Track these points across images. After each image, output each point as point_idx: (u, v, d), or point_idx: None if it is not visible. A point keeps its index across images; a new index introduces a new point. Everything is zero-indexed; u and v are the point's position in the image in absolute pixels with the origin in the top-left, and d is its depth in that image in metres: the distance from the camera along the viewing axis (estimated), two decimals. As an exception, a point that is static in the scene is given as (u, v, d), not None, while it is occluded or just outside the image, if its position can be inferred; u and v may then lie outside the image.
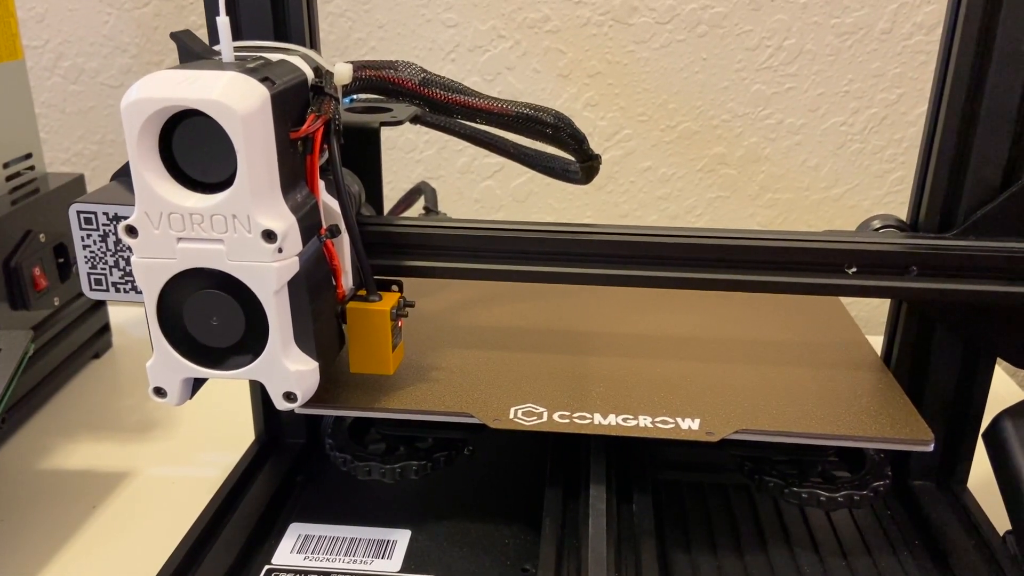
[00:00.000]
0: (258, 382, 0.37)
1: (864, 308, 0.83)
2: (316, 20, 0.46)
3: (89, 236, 0.39)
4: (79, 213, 0.39)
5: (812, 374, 0.46)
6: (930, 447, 0.40)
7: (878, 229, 0.45)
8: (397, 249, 0.43)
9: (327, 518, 0.47)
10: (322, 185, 0.38)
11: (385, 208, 0.49)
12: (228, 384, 0.39)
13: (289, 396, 0.37)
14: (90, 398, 0.65)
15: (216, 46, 0.36)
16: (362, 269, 0.40)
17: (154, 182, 0.34)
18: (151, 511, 0.52)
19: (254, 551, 0.44)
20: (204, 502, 0.46)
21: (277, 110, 0.34)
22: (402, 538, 0.45)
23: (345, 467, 0.45)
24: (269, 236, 0.34)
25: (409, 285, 0.43)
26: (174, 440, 0.60)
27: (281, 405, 0.37)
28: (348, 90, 0.40)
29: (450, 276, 0.44)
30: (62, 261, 0.61)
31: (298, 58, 0.38)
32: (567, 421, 0.41)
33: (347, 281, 0.40)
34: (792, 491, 0.42)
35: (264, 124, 0.33)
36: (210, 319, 0.36)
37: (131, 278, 0.40)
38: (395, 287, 0.42)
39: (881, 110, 0.79)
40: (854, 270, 0.42)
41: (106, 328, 0.71)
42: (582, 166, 0.44)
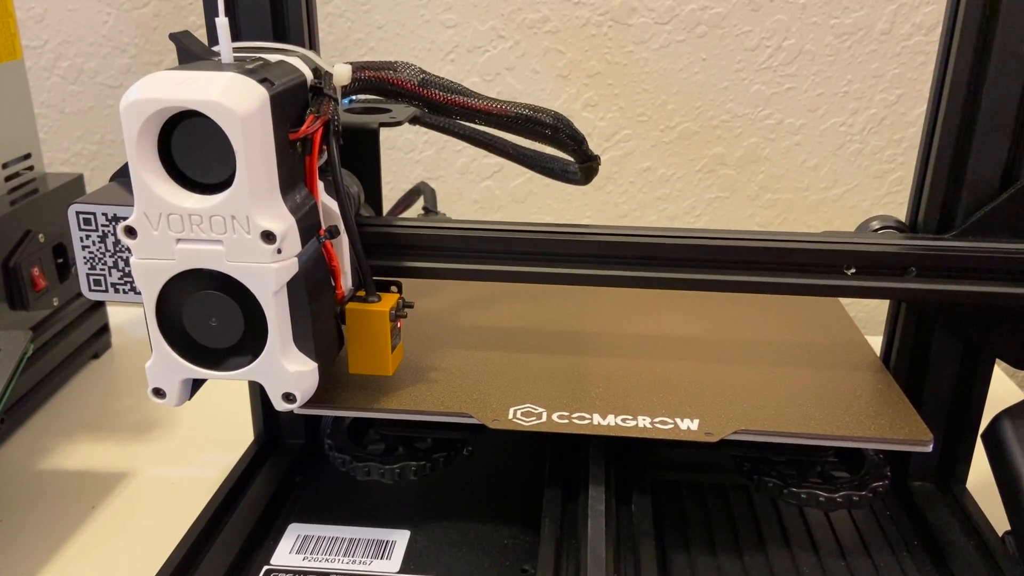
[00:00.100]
0: (257, 383, 0.37)
1: (863, 308, 0.83)
2: (315, 21, 0.46)
3: (88, 237, 0.39)
4: (78, 214, 0.39)
5: (811, 374, 0.46)
6: (929, 447, 0.40)
7: (877, 230, 0.45)
8: (396, 250, 0.43)
9: (326, 519, 0.47)
10: (321, 186, 0.38)
11: (384, 208, 0.49)
12: (227, 385, 0.39)
13: (288, 397, 0.37)
14: (89, 398, 0.65)
15: (215, 47, 0.36)
16: (361, 270, 0.40)
17: (153, 183, 0.34)
18: (150, 511, 0.52)
19: (253, 551, 0.44)
20: (203, 502, 0.46)
21: (276, 111, 0.34)
22: (401, 539, 0.45)
23: (344, 467, 0.45)
24: (268, 237, 0.34)
25: (408, 286, 0.43)
26: (173, 440, 0.60)
27: (280, 406, 0.37)
28: (347, 91, 0.40)
29: (449, 277, 0.44)
30: (61, 261, 0.61)
31: (297, 59, 0.38)
32: (566, 421, 0.41)
33: (346, 282, 0.40)
34: (791, 491, 0.42)
35: (263, 125, 0.33)
36: (209, 320, 0.36)
37: (130, 279, 0.40)
38: (394, 288, 0.43)
39: (880, 110, 0.79)
40: (853, 271, 0.42)
41: (105, 328, 0.71)
42: (581, 167, 0.44)
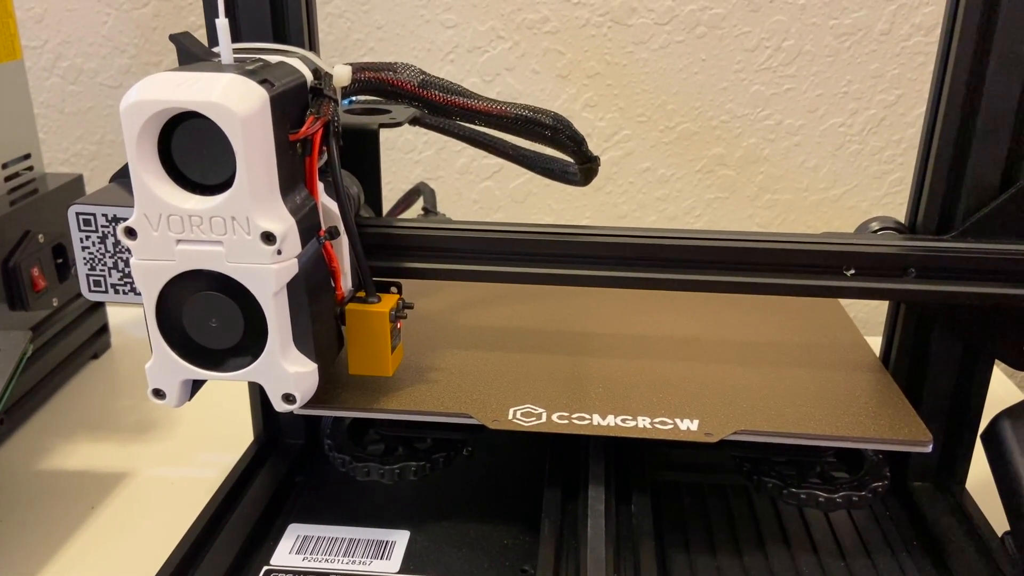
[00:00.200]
0: (257, 383, 0.37)
1: (863, 309, 0.83)
2: (315, 22, 0.46)
3: (88, 238, 0.39)
4: (78, 214, 0.39)
5: (811, 375, 0.46)
6: (928, 448, 0.40)
7: (876, 231, 0.45)
8: (396, 251, 0.43)
9: (326, 519, 0.47)
10: (321, 187, 0.38)
11: (384, 208, 0.49)
12: (227, 385, 0.39)
13: (288, 398, 0.37)
14: (89, 399, 0.65)
15: (215, 48, 0.36)
16: (361, 271, 0.40)
17: (153, 184, 0.34)
18: (150, 512, 0.52)
19: (253, 552, 0.44)
20: (203, 503, 0.46)
21: (276, 112, 0.34)
22: (401, 539, 0.45)
23: (344, 468, 0.45)
24: (268, 238, 0.34)
25: (408, 286, 0.43)
26: (173, 441, 0.60)
27: (280, 407, 0.37)
28: (347, 92, 0.40)
29: (449, 278, 0.44)
30: (61, 261, 0.61)
31: (297, 60, 0.38)
32: (566, 422, 0.41)
33: (346, 283, 0.40)
34: (791, 492, 0.42)
35: (263, 126, 0.33)
36: (209, 321, 0.36)
37: (130, 280, 0.40)
38: (394, 289, 0.43)
39: (880, 111, 0.79)
40: (852, 272, 0.42)
41: (105, 329, 0.71)
42: (581, 168, 0.44)
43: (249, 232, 0.34)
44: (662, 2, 0.76)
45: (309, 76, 0.38)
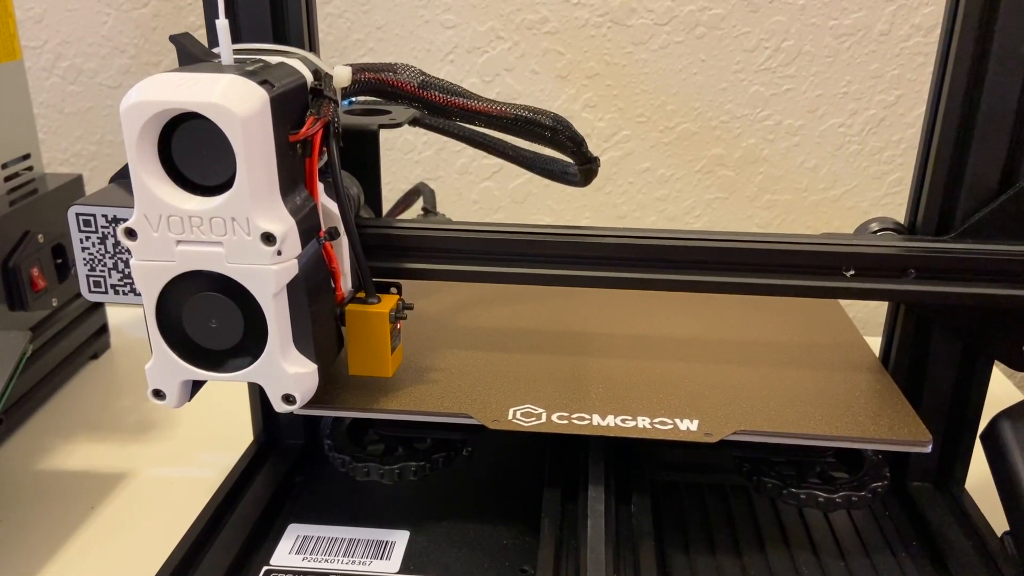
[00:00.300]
0: (257, 384, 0.37)
1: (862, 309, 0.84)
2: (315, 23, 0.46)
3: (88, 238, 0.39)
4: (78, 215, 0.39)
5: (810, 375, 0.46)
6: (928, 448, 0.40)
7: (876, 232, 0.45)
8: (396, 251, 0.43)
9: (326, 519, 0.47)
10: (321, 187, 0.38)
11: (384, 208, 0.49)
12: (227, 385, 0.39)
13: (288, 398, 0.37)
14: (88, 399, 0.65)
15: (215, 49, 0.36)
16: (361, 271, 0.40)
17: (153, 185, 0.34)
18: (149, 512, 0.52)
19: (253, 552, 0.44)
20: (203, 503, 0.46)
21: (276, 113, 0.34)
22: (401, 539, 0.45)
23: (344, 468, 0.45)
24: (268, 239, 0.34)
25: (407, 286, 0.43)
26: (172, 441, 0.60)
27: (280, 407, 0.38)
28: (347, 93, 0.40)
29: (449, 278, 0.44)
30: (60, 262, 0.61)
31: (297, 61, 0.38)
32: (566, 422, 0.41)
33: (346, 283, 0.40)
34: (790, 492, 0.42)
35: (263, 127, 0.33)
36: (209, 321, 0.36)
37: (130, 280, 0.40)
38: (394, 289, 0.43)
39: (879, 111, 0.79)
40: (852, 273, 0.42)
41: (104, 329, 0.71)
42: (580, 168, 0.44)
43: (249, 233, 0.34)
44: (661, 2, 0.76)
45: (309, 77, 0.38)
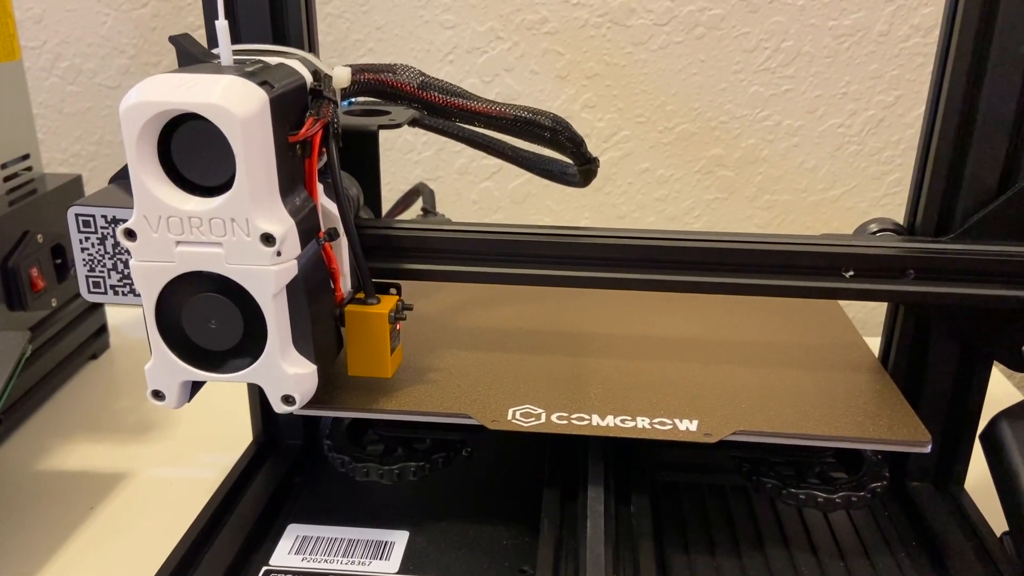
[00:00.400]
0: (257, 384, 0.37)
1: (861, 309, 0.83)
2: (315, 24, 0.46)
3: (87, 239, 0.39)
4: (77, 216, 0.39)
5: (810, 376, 0.46)
6: (927, 448, 0.40)
7: (875, 232, 0.45)
8: (395, 252, 0.43)
9: (325, 519, 0.47)
10: (320, 188, 0.38)
11: (383, 209, 0.49)
12: (226, 386, 0.39)
13: (287, 399, 0.37)
14: (88, 399, 0.65)
15: (215, 49, 0.36)
16: (360, 272, 0.40)
17: (153, 185, 0.34)
18: (149, 512, 0.52)
19: (252, 552, 0.44)
20: (202, 503, 0.46)
21: (276, 114, 0.34)
22: (400, 539, 0.45)
23: (343, 468, 0.45)
24: (268, 239, 0.34)
25: (407, 286, 0.43)
26: (172, 441, 0.60)
27: (279, 408, 0.37)
28: (346, 93, 0.40)
29: (448, 279, 0.44)
30: (59, 262, 0.61)
31: (297, 61, 0.38)
32: (565, 422, 0.41)
33: (345, 284, 0.40)
34: (790, 492, 0.42)
35: (263, 128, 0.33)
36: (208, 322, 0.36)
37: (129, 281, 0.40)
38: (393, 290, 0.43)
39: (879, 112, 0.79)
40: (851, 274, 0.42)
41: (104, 329, 0.71)
42: (580, 169, 0.44)
43: (249, 234, 0.34)
44: (661, 3, 0.76)
45: (309, 78, 0.38)
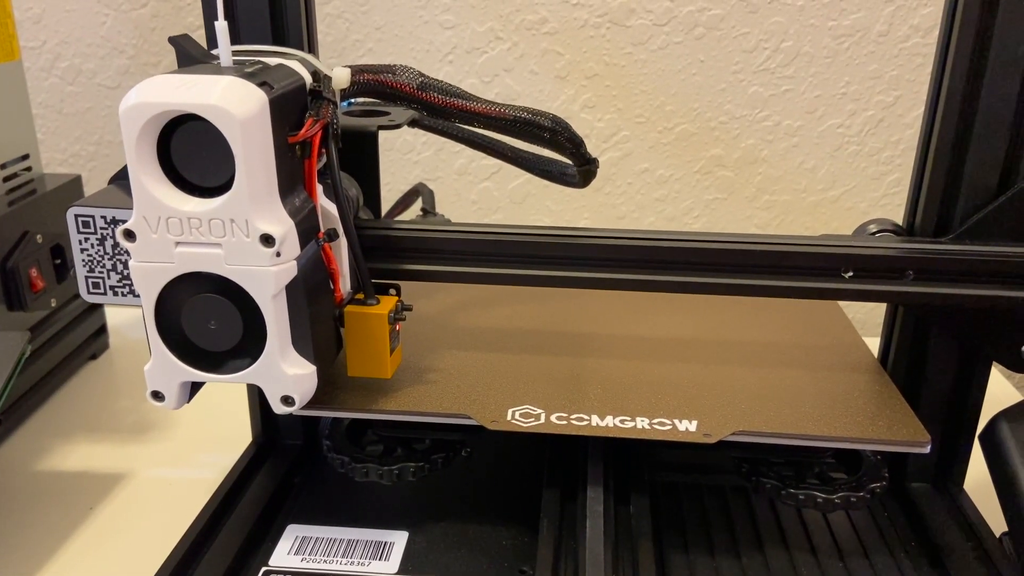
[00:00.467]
0: (256, 385, 0.37)
1: (861, 310, 0.83)
2: (314, 25, 0.46)
3: (87, 240, 0.39)
4: (77, 216, 0.39)
5: (809, 376, 0.46)
6: (927, 449, 0.40)
7: (875, 233, 0.45)
8: (395, 253, 0.43)
9: (325, 520, 0.47)
10: (320, 189, 0.38)
11: (383, 209, 0.49)
12: (225, 386, 0.38)
13: (287, 400, 0.37)
14: (87, 399, 0.65)
15: (214, 50, 0.36)
16: (360, 273, 0.40)
17: (152, 186, 0.34)
18: (148, 512, 0.52)
19: (251, 553, 0.44)
20: (201, 503, 0.46)
21: (275, 114, 0.34)
22: (399, 540, 0.45)
23: (343, 469, 0.45)
24: (267, 240, 0.34)
25: (406, 287, 0.43)
26: (171, 441, 0.60)
27: (279, 409, 0.38)
28: (346, 94, 0.40)
29: (448, 280, 0.44)
30: (59, 262, 0.61)
31: (296, 62, 0.38)
32: (564, 423, 0.41)
33: (345, 285, 0.41)
34: (789, 492, 0.42)
35: (262, 128, 0.33)
36: (208, 323, 0.36)
37: (129, 282, 0.40)
38: (393, 291, 0.43)
39: (878, 112, 0.79)
40: (851, 274, 0.42)
41: (103, 329, 0.71)
42: (579, 170, 0.44)
43: (248, 234, 0.34)
44: (660, 3, 0.76)
45: (308, 78, 0.38)
